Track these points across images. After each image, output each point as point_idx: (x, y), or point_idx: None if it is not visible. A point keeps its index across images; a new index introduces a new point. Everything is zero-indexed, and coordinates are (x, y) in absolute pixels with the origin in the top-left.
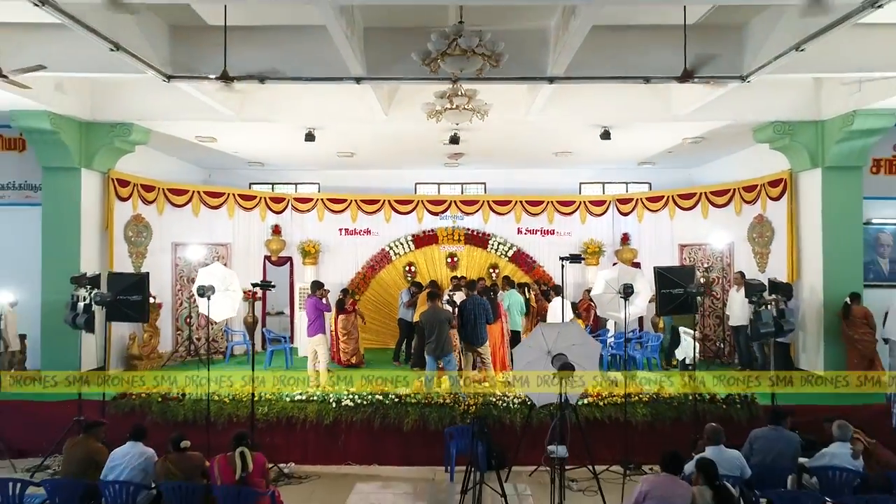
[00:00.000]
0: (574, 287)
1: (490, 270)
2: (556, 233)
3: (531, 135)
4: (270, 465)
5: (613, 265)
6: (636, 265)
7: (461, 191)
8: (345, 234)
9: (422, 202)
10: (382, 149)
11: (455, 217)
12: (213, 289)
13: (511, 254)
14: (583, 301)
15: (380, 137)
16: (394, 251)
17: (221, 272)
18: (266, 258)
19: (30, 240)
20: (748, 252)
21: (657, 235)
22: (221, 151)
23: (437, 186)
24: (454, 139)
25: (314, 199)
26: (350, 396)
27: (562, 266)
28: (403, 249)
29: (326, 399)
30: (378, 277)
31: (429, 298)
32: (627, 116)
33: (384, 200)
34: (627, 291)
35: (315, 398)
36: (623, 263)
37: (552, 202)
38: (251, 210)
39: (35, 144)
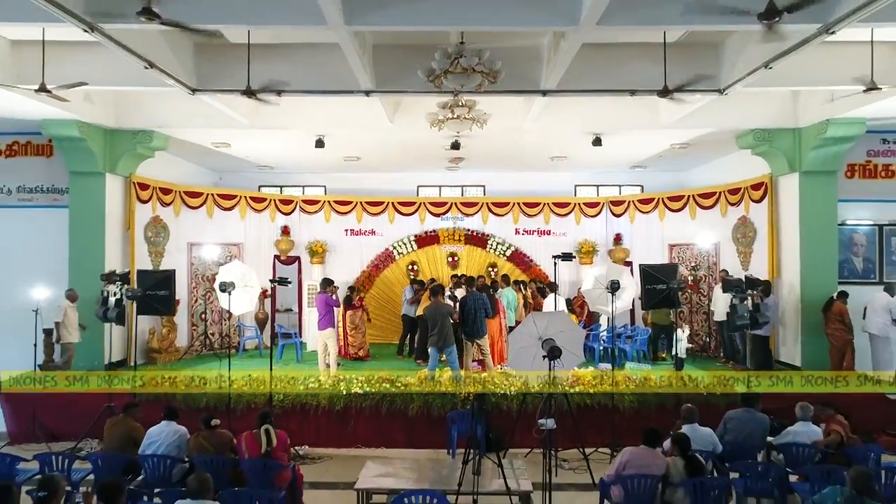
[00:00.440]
0: (569, 285)
1: (489, 269)
2: (552, 233)
3: (527, 141)
4: None
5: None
6: (628, 264)
7: (461, 193)
8: (350, 235)
9: (424, 204)
10: (387, 153)
11: (456, 218)
12: (234, 284)
13: (509, 253)
14: (577, 298)
15: (385, 143)
16: (397, 251)
17: (240, 269)
18: (276, 257)
19: (57, 240)
20: (733, 251)
21: (648, 236)
22: (233, 156)
23: (439, 189)
24: (455, 145)
25: (321, 201)
26: (359, 385)
27: (555, 264)
28: (406, 249)
29: (337, 387)
30: (382, 276)
31: (431, 294)
32: (617, 124)
33: (388, 202)
34: (614, 287)
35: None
36: (616, 262)
37: (548, 204)
38: (262, 211)
39: (63, 151)
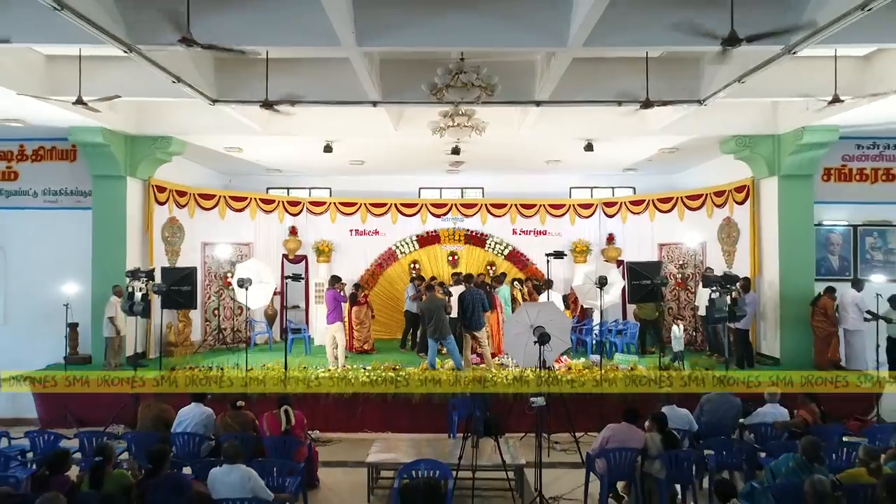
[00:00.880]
0: (564, 282)
1: (488, 267)
2: (548, 233)
3: (524, 146)
4: None
5: None
6: (620, 263)
7: (461, 195)
8: (355, 235)
9: (425, 205)
10: (390, 158)
11: (456, 219)
12: (251, 280)
13: (507, 252)
14: (571, 294)
15: (389, 148)
16: (400, 250)
17: (256, 266)
18: (284, 256)
19: (80, 240)
20: (718, 250)
21: (639, 235)
22: (244, 160)
23: (440, 191)
24: (455, 150)
25: (327, 203)
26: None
27: (548, 261)
28: (409, 248)
29: (346, 376)
30: (385, 274)
31: (427, 289)
32: (607, 131)
33: (391, 204)
34: (602, 282)
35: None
36: (609, 261)
37: (544, 205)
38: (270, 212)
39: (87, 156)
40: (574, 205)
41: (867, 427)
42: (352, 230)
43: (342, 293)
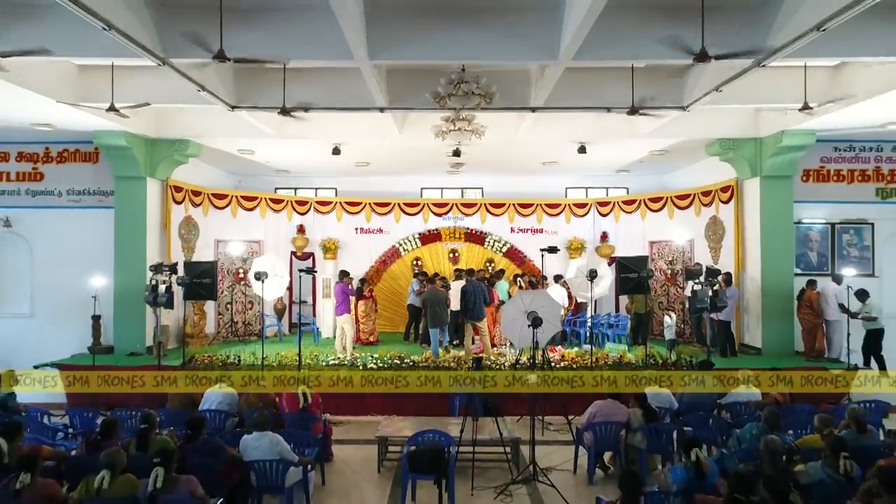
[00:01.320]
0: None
1: (487, 264)
2: (545, 231)
3: (521, 149)
4: None
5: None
6: (613, 259)
7: (462, 195)
8: (360, 233)
9: (427, 205)
10: (394, 159)
11: (456, 218)
12: (267, 274)
13: (505, 250)
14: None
15: (393, 150)
16: (403, 247)
17: (272, 261)
18: (292, 253)
19: (102, 237)
20: (705, 247)
21: (631, 233)
22: (255, 161)
23: (441, 191)
24: (456, 152)
25: (333, 202)
26: (374, 361)
27: (542, 256)
28: (411, 246)
29: (355, 364)
30: (389, 270)
31: (429, 282)
32: (599, 135)
33: (394, 203)
34: (593, 275)
35: (346, 363)
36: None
37: (541, 205)
38: (279, 211)
39: (110, 158)
40: (569, 204)
41: (837, 408)
42: (357, 228)
43: (350, 287)
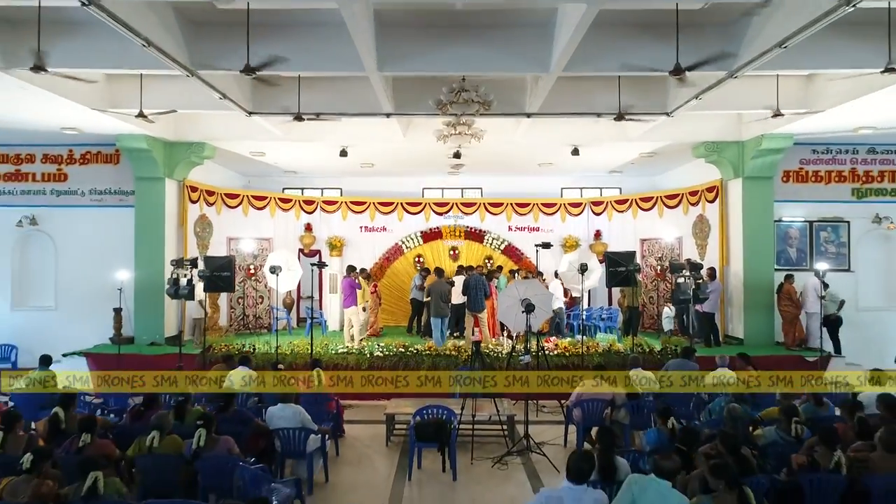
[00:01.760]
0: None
1: (486, 260)
2: (541, 229)
3: (518, 151)
4: None
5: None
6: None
7: (461, 194)
8: (364, 231)
9: (429, 204)
10: (398, 161)
11: (456, 216)
12: (281, 268)
13: (503, 247)
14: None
15: (397, 152)
16: (405, 245)
17: (285, 256)
18: (300, 250)
19: (123, 234)
20: (692, 244)
21: (623, 231)
22: (264, 162)
23: (442, 191)
24: (457, 154)
25: (339, 202)
26: (381, 349)
27: (536, 251)
28: (413, 243)
29: (363, 352)
30: (392, 267)
31: (436, 274)
32: (591, 138)
33: (397, 203)
34: (583, 268)
35: (354, 351)
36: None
37: (537, 204)
38: (288, 211)
39: (131, 160)
40: (564, 204)
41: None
42: (361, 227)
43: (357, 281)
